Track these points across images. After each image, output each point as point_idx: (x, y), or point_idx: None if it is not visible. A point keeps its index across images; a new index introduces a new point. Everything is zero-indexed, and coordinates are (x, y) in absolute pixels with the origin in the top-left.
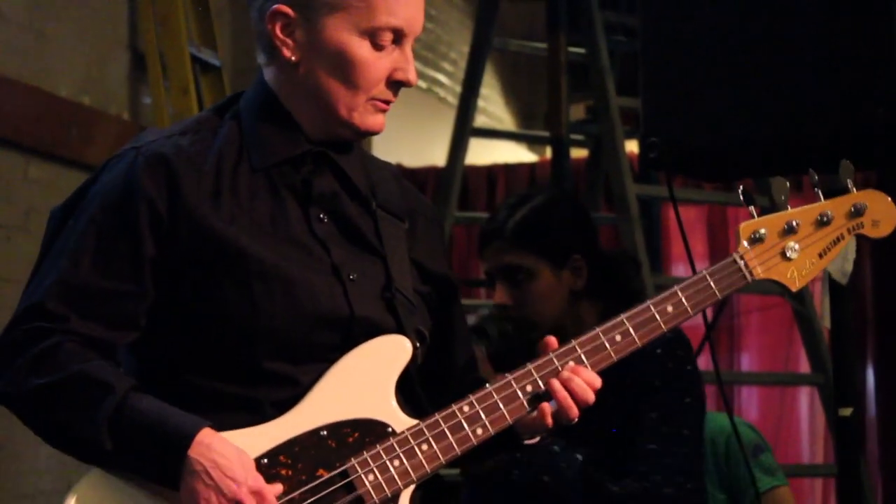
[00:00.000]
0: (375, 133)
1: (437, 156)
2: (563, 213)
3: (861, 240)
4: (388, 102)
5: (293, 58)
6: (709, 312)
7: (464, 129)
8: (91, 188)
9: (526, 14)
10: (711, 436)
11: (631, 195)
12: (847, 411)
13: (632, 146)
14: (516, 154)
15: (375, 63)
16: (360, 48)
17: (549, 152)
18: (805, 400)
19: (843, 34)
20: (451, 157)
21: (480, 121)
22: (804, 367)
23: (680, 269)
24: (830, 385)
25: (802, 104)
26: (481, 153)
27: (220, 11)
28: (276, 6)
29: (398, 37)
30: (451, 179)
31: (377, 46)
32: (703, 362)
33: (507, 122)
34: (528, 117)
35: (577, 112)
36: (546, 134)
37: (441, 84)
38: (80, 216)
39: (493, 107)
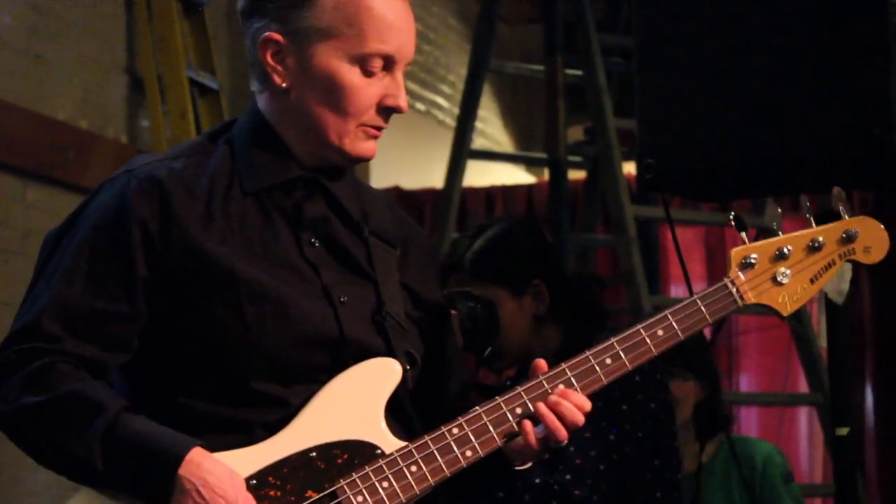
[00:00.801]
0: (366, 159)
1: (435, 178)
2: (519, 241)
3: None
4: (379, 129)
5: (284, 84)
6: (707, 332)
7: (461, 151)
8: (85, 211)
9: (523, 36)
10: (748, 457)
11: (628, 216)
12: (844, 431)
13: (629, 167)
14: (514, 176)
15: (365, 90)
16: (350, 75)
17: (546, 174)
18: (804, 420)
19: (839, 56)
20: (449, 179)
21: (478, 143)
22: (803, 387)
23: (678, 291)
24: (829, 405)
25: (799, 125)
26: (479, 175)
27: (218, 35)
28: (267, 34)
29: (389, 63)
30: (449, 201)
31: (367, 73)
32: None
33: (504, 144)
34: (525, 139)
35: (575, 134)
36: (544, 156)
37: (439, 106)
38: (74, 238)
39: (491, 129)
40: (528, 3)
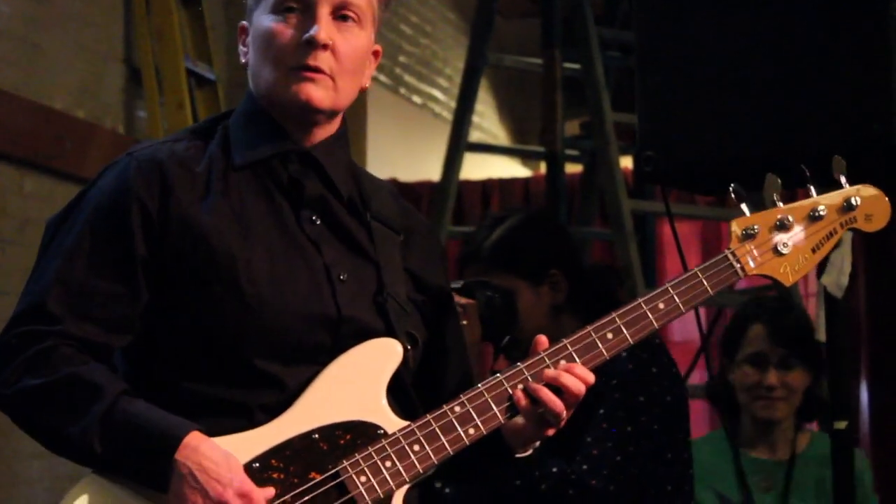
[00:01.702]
0: (309, 103)
1: (431, 170)
2: (537, 231)
3: (855, 238)
4: (312, 70)
5: (244, 61)
6: (704, 325)
7: (458, 144)
8: (87, 195)
9: (521, 30)
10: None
11: (626, 210)
12: (842, 424)
13: (626, 162)
14: (511, 169)
15: (282, 31)
16: (269, 23)
17: (543, 167)
18: None
19: (838, 50)
20: (446, 172)
21: (475, 136)
22: None
23: None
24: (827, 398)
25: (798, 119)
26: (476, 168)
27: (216, 25)
28: (242, 23)
29: (305, 5)
30: (446, 194)
31: (282, 18)
32: (699, 376)
33: (501, 137)
34: (522, 133)
35: (572, 128)
36: (541, 149)
37: (436, 100)
38: (76, 220)
39: (487, 122)
40: None
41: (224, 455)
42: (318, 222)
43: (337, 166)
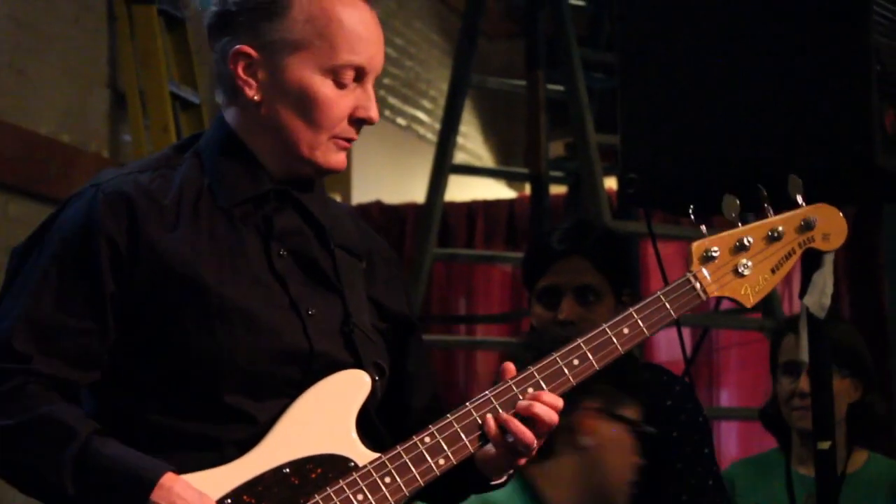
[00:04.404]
0: (337, 171)
1: (416, 192)
2: (628, 248)
3: (839, 259)
4: (349, 140)
5: (256, 97)
6: (688, 348)
7: (443, 166)
8: (51, 226)
9: (505, 51)
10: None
11: None
12: (825, 444)
13: (610, 182)
14: (495, 191)
15: (338, 101)
16: (323, 87)
17: (528, 189)
18: None
19: (819, 71)
20: (431, 194)
21: (460, 158)
22: None
23: None
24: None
25: (780, 141)
26: (461, 190)
27: (200, 49)
28: (238, 47)
29: (360, 75)
30: (431, 216)
31: (340, 85)
32: None
33: (486, 159)
34: (506, 154)
35: (557, 149)
36: (525, 171)
37: (420, 121)
38: (42, 254)
39: (472, 144)
40: (509, 19)
41: (198, 495)
42: (285, 255)
43: (315, 199)
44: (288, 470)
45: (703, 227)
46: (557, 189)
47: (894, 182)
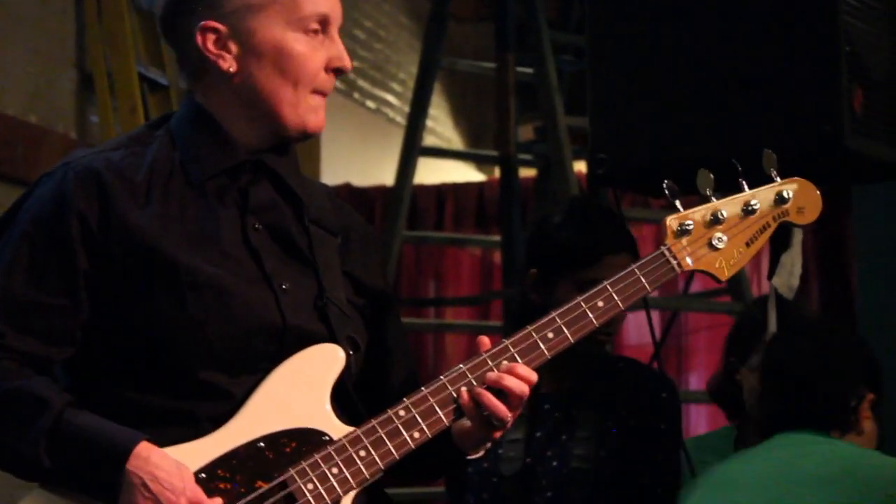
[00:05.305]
0: (317, 132)
1: (386, 175)
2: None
3: (808, 241)
4: (325, 94)
5: (231, 69)
6: (657, 331)
7: (412, 149)
8: (23, 206)
9: (474, 34)
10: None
11: None
12: None
13: (580, 166)
14: (465, 174)
15: (312, 54)
16: (296, 42)
17: (497, 172)
18: None
19: (789, 51)
20: (400, 177)
21: (430, 141)
22: None
23: None
24: None
25: (749, 121)
26: (430, 173)
27: None
28: (203, 23)
29: (325, 25)
30: (400, 199)
31: (309, 36)
32: None
33: (455, 142)
34: (476, 137)
35: (526, 132)
36: (494, 153)
37: (390, 104)
38: (13, 233)
39: (441, 127)
40: (479, 1)
41: (175, 464)
42: (260, 228)
43: (288, 167)
44: (262, 444)
45: (678, 202)
46: (527, 172)
47: (863, 163)
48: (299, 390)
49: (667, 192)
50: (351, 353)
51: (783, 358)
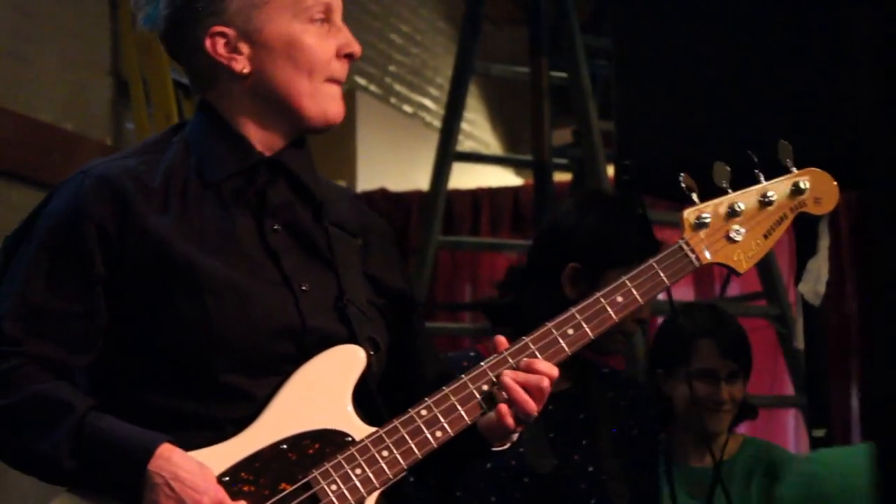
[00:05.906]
0: (336, 123)
1: (422, 180)
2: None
3: (845, 245)
4: (340, 82)
5: (245, 70)
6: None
7: (447, 153)
8: (41, 214)
9: (509, 38)
10: (770, 464)
11: None
12: (821, 432)
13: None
14: (501, 178)
15: (322, 43)
16: (304, 32)
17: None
18: (791, 422)
19: (811, 58)
20: (435, 181)
21: (468, 145)
22: (789, 389)
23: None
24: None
25: (772, 127)
26: (466, 177)
27: None
28: (212, 28)
29: (328, 13)
30: (436, 203)
31: (316, 25)
32: None
33: (493, 146)
34: (515, 141)
35: (565, 136)
36: (529, 158)
37: (427, 109)
38: (32, 242)
39: (479, 131)
40: (513, 5)
41: (198, 465)
42: (279, 230)
43: (304, 165)
44: (285, 446)
45: (694, 195)
46: (563, 176)
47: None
48: (321, 392)
49: (683, 185)
50: (372, 353)
51: None
